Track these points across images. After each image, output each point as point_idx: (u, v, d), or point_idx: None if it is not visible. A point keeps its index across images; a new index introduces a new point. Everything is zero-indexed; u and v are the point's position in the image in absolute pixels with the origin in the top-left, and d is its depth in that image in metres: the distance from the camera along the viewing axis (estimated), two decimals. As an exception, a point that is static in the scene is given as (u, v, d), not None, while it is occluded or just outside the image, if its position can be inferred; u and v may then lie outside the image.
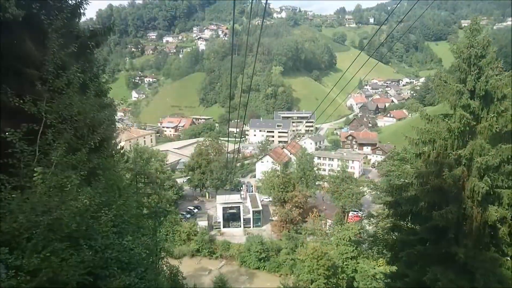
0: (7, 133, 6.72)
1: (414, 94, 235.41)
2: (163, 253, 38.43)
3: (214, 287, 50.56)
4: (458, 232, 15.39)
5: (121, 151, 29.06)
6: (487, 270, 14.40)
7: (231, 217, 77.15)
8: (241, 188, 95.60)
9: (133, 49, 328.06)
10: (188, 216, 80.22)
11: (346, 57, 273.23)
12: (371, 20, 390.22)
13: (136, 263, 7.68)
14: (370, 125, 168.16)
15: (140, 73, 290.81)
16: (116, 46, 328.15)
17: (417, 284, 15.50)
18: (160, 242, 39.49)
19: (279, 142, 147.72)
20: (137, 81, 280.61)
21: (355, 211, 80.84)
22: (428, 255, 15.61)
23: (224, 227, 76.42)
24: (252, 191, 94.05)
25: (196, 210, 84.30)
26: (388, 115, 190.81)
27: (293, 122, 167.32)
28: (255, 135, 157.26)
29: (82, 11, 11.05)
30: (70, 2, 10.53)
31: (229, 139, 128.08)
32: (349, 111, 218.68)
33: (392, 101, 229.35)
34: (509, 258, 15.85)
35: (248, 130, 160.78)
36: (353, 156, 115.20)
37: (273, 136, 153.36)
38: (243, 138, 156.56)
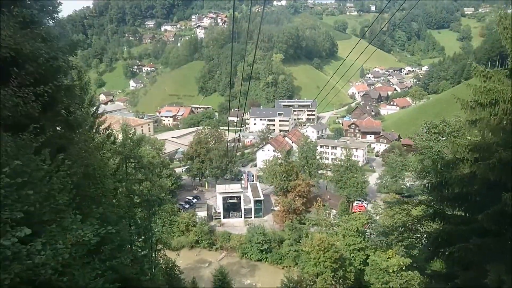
0: None
1: (417, 82, 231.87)
2: (160, 245, 35.54)
3: (214, 280, 47.49)
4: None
5: (107, 131, 25.58)
6: None
7: (231, 207, 74.81)
8: (242, 177, 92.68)
9: (130, 38, 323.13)
10: (187, 206, 78.03)
11: (348, 46, 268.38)
12: (373, 8, 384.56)
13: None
14: (373, 113, 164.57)
15: (138, 62, 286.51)
16: (114, 35, 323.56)
17: (472, 287, 12.08)
18: (156, 233, 36.40)
19: (280, 131, 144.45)
20: (135, 70, 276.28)
21: (360, 200, 78.17)
22: (488, 250, 12.17)
23: (224, 217, 74.15)
24: (253, 180, 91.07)
25: (195, 200, 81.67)
26: (391, 103, 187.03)
27: (294, 111, 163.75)
28: (255, 123, 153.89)
29: None
30: None
31: (229, 128, 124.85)
32: (350, 100, 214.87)
33: (395, 90, 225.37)
34: None
35: (248, 119, 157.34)
36: (357, 145, 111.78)
37: (273, 125, 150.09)
38: (243, 127, 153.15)
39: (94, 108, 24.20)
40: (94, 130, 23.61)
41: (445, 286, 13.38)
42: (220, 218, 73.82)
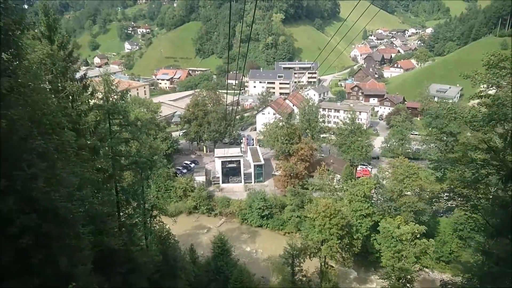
0: None
1: (422, 44, 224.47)
2: (155, 211, 32.60)
3: (213, 247, 45.13)
4: None
5: (85, 81, 21.77)
6: None
7: (230, 172, 72.48)
8: (241, 141, 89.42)
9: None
10: (185, 171, 75.81)
11: (350, 6, 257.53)
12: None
13: None
14: (376, 76, 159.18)
15: (132, 23, 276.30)
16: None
17: None
18: (151, 199, 33.29)
19: (280, 94, 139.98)
20: (130, 32, 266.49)
21: (364, 165, 75.50)
22: None
23: (223, 182, 71.93)
24: (253, 144, 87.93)
25: (193, 165, 79.11)
26: (395, 65, 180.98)
27: (295, 73, 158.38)
28: (255, 86, 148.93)
29: None
30: None
31: (228, 91, 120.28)
32: (353, 62, 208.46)
33: (399, 52, 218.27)
34: None
35: (247, 82, 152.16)
36: (360, 108, 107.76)
37: (274, 88, 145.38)
38: (242, 90, 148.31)
39: (67, 52, 20.24)
40: (67, 77, 19.83)
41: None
42: (219, 183, 71.51)
